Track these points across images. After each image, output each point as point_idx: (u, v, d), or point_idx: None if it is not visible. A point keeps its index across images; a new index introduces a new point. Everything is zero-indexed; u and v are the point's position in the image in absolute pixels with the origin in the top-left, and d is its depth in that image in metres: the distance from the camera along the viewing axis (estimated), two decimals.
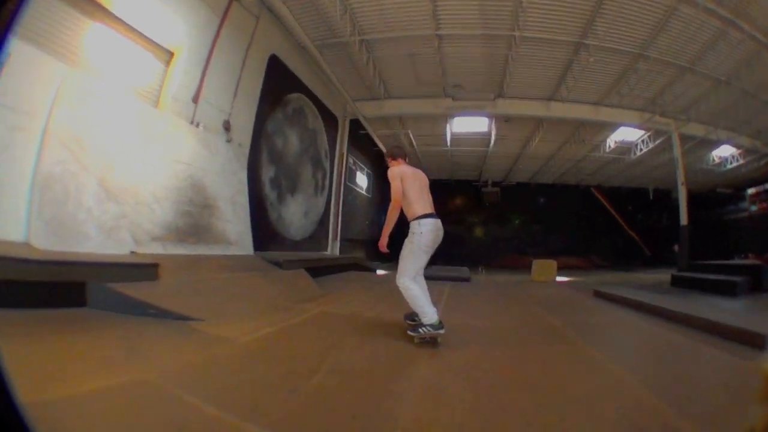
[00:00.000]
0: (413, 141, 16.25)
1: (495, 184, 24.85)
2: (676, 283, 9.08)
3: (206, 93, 6.37)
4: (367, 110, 12.61)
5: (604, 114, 12.56)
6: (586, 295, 7.38)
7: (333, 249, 11.94)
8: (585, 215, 24.20)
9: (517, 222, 26.21)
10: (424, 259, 3.46)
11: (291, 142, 8.92)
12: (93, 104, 4.49)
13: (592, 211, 24.26)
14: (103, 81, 4.82)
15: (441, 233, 3.49)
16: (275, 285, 5.09)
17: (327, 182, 11.28)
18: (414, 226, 3.39)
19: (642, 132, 14.21)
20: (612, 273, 16.46)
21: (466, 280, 9.17)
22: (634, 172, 19.30)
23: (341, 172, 12.33)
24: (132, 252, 4.77)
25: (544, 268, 9.95)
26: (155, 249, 5.04)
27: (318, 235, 10.60)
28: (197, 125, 6.22)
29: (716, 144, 14.79)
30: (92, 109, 4.46)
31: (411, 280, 3.36)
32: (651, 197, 22.49)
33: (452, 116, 14.03)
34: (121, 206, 4.75)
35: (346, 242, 12.97)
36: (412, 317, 3.49)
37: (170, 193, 5.37)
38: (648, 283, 10.55)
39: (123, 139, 4.80)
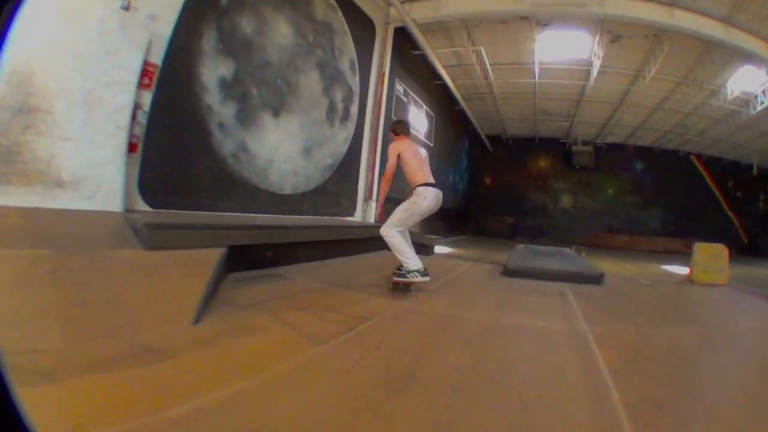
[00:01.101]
0: (488, 71, 12.07)
1: (585, 143, 20.21)
2: None
3: None
4: (418, 12, 8.64)
5: (735, 36, 8.61)
6: None
7: (366, 213, 8.46)
8: (684, 189, 19.19)
9: (610, 191, 21.18)
10: (416, 220, 3.69)
11: (276, 30, 5.32)
12: None
13: (692, 184, 19.17)
14: None
15: (439, 204, 3.69)
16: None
17: (354, 109, 7.62)
18: (420, 191, 3.57)
19: (764, 80, 10.88)
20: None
21: (595, 280, 4.94)
22: (738, 138, 15.54)
23: (380, 98, 8.56)
24: None
25: (712, 260, 5.50)
26: None
27: (334, 190, 7.10)
28: None
29: None
30: None
31: (396, 231, 3.51)
32: (755, 172, 17.93)
33: (540, 28, 9.77)
34: None
35: (393, 205, 9.47)
36: (400, 267, 3.49)
37: None
38: None
39: None
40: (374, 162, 8.47)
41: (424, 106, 12.01)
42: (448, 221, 15.93)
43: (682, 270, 7.65)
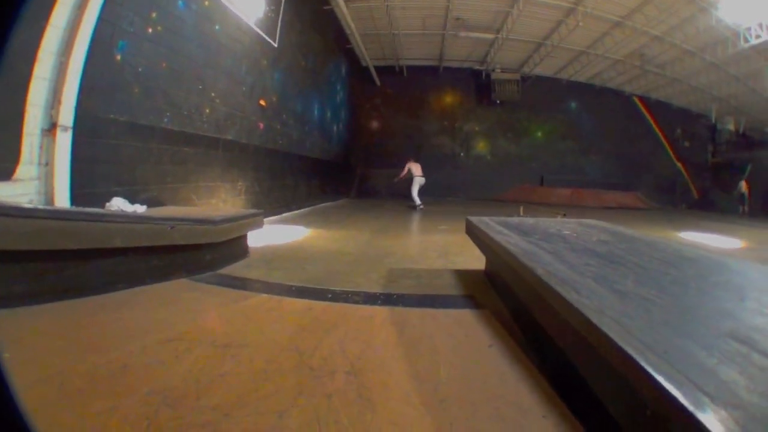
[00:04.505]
0: None
1: (505, 72, 16.14)
2: None
3: None
4: None
5: None
6: None
7: (51, 170, 2.81)
8: (628, 135, 16.71)
9: (539, 134, 16.79)
10: (417, 188, 9.48)
11: None
12: None
13: (636, 130, 16.83)
14: None
15: (423, 181, 9.55)
16: None
17: None
18: (416, 178, 9.47)
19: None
20: (693, 220, 9.75)
21: None
22: (701, 80, 14.19)
23: None
24: None
25: None
26: None
27: None
28: None
29: None
30: None
31: (416, 194, 9.39)
32: (713, 121, 16.40)
33: None
34: None
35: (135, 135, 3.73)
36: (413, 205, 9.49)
37: None
38: None
39: None
40: (77, 30, 3.01)
41: None
42: (320, 178, 10.35)
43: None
